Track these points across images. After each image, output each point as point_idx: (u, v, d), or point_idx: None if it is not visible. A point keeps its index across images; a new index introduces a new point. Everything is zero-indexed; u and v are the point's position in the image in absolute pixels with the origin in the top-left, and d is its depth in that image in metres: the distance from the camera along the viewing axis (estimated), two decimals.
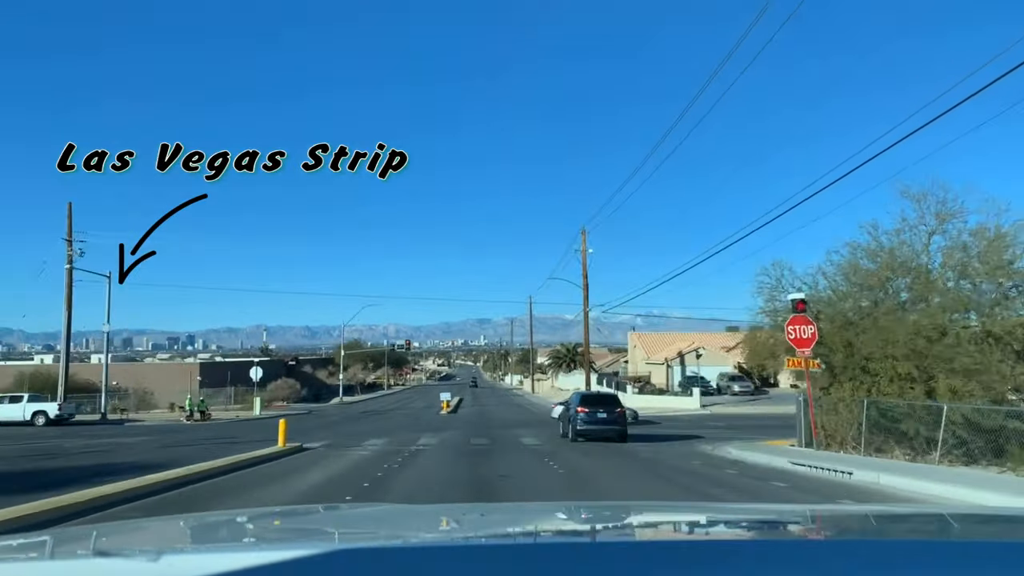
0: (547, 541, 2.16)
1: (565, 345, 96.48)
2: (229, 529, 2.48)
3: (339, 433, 30.49)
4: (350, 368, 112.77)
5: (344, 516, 2.99)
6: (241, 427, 37.74)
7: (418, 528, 2.40)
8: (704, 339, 66.06)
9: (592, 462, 18.95)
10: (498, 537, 2.17)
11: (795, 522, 2.46)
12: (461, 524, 2.53)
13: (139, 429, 38.01)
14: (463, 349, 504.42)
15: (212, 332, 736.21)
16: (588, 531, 2.38)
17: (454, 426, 35.30)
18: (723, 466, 18.44)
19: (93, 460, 19.59)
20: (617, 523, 2.55)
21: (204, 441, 26.73)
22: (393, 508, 4.07)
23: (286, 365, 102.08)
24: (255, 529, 2.46)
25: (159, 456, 19.87)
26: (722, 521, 2.54)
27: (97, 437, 29.90)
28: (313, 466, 17.52)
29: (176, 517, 3.35)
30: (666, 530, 2.43)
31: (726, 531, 2.33)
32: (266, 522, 2.68)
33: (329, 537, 2.29)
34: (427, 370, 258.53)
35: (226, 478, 15.22)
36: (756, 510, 3.29)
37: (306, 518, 2.85)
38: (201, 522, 2.73)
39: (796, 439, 21.53)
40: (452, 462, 18.65)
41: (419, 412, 53.21)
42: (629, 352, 73.75)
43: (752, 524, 2.43)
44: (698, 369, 59.68)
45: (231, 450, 20.00)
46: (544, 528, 2.45)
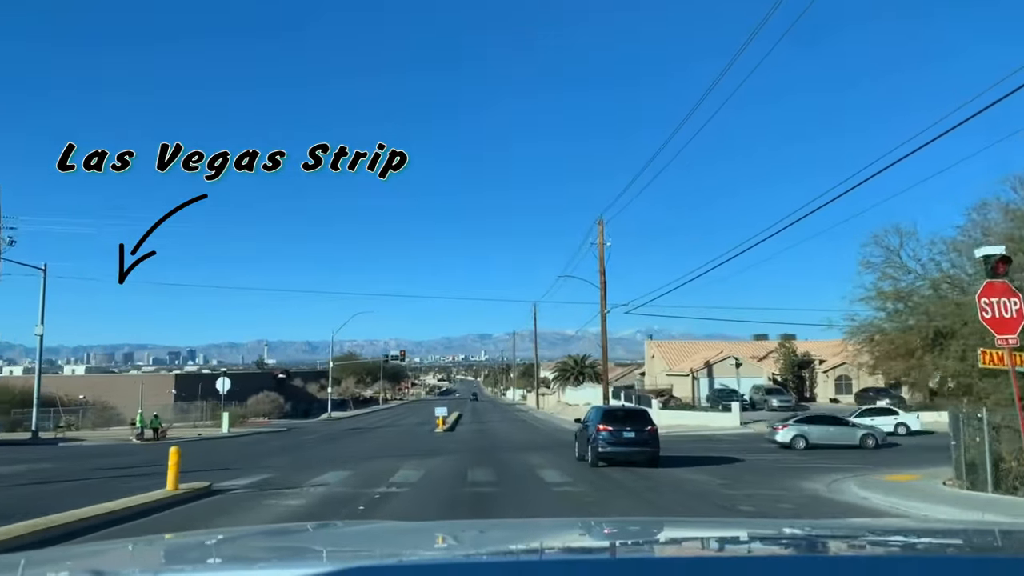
0: (553, 558, 2.05)
1: (573, 357, 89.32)
2: (219, 549, 2.37)
3: (295, 461, 23.44)
4: (343, 382, 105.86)
5: (340, 535, 2.86)
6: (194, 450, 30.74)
7: (416, 546, 2.34)
8: (731, 348, 58.98)
9: (665, 516, 11.78)
10: (500, 555, 2.08)
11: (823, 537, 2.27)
12: (461, 542, 2.40)
13: (64, 451, 31.41)
14: (463, 364, 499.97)
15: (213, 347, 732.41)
16: (598, 547, 2.32)
17: (448, 449, 28.22)
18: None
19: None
20: (632, 540, 2.43)
21: (104, 473, 19.65)
22: (392, 525, 3.80)
23: (275, 378, 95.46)
24: (247, 549, 2.38)
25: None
26: (743, 537, 2.35)
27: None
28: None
29: (160, 537, 3.48)
30: (685, 547, 2.29)
31: (744, 548, 2.18)
32: (259, 541, 2.58)
33: (328, 556, 2.17)
34: (427, 385, 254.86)
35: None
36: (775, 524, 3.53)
37: (300, 536, 2.80)
38: (189, 542, 2.65)
39: (956, 476, 14.38)
40: (434, 520, 11.53)
41: (411, 430, 46.03)
42: (646, 363, 66.59)
43: (770, 540, 2.25)
44: (736, 381, 52.47)
45: (120, 490, 13.30)
46: (549, 545, 2.32)
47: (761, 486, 16.21)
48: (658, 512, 12.20)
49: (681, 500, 14.19)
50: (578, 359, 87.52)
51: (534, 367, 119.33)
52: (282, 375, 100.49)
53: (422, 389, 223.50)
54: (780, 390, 50.58)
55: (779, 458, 24.46)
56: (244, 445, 33.38)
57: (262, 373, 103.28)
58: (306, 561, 2.02)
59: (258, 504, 13.17)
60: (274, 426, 58.48)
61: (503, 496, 14.53)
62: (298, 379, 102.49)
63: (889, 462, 21.41)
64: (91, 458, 26.84)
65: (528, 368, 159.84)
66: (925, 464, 18.38)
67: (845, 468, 19.53)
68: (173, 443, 37.58)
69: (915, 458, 21.90)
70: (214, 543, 2.50)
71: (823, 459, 23.48)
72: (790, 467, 21.05)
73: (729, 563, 1.88)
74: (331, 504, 13.24)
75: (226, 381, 44.69)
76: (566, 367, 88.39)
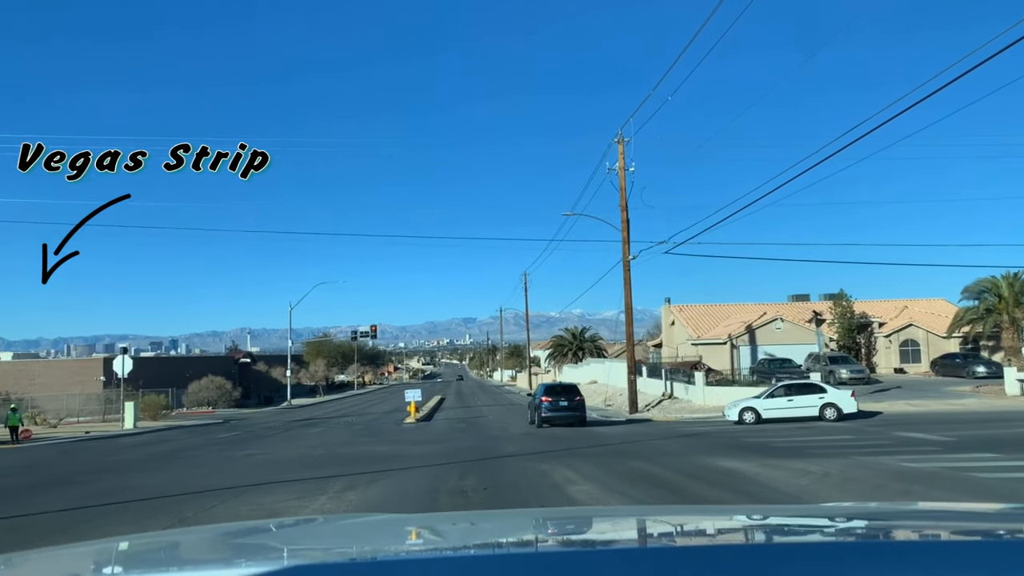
0: (547, 549, 1.97)
1: (570, 330, 78.37)
2: (199, 547, 2.25)
3: (105, 492, 12.39)
4: (311, 365, 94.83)
5: (322, 530, 2.67)
6: (12, 461, 19.80)
7: (405, 538, 2.26)
8: (773, 310, 48.24)
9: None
10: (491, 547, 2.02)
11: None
12: (451, 534, 2.32)
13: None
14: (448, 348, 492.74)
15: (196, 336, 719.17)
16: (588, 539, 2.21)
17: (413, 457, 17.30)
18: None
19: None
20: (618, 531, 2.33)
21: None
22: (380, 519, 3.18)
23: (236, 363, 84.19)
24: (223, 547, 2.25)
25: None
26: (736, 526, 2.28)
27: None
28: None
29: (135, 537, 3.07)
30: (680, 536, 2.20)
31: (738, 536, 2.13)
32: (241, 539, 2.38)
33: (315, 552, 2.10)
34: (411, 369, 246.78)
35: None
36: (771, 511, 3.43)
37: (281, 533, 2.53)
38: (163, 541, 2.52)
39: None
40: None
41: (374, 421, 35.07)
42: (663, 332, 55.83)
43: (762, 528, 2.22)
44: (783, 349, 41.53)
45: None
46: (544, 536, 2.21)
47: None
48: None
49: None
50: (576, 332, 76.71)
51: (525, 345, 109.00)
52: (245, 359, 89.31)
53: (405, 373, 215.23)
54: (847, 358, 39.81)
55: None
56: (107, 452, 22.34)
57: (221, 357, 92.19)
58: (284, 558, 1.88)
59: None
60: (210, 417, 47.43)
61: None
62: (262, 363, 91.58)
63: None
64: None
65: (516, 349, 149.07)
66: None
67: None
68: (37, 447, 27.17)
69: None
70: (193, 540, 2.39)
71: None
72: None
73: (725, 551, 1.82)
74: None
75: (126, 361, 33.40)
76: (562, 342, 77.56)
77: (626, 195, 33.41)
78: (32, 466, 18.40)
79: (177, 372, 62.47)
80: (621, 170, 33.35)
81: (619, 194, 33.55)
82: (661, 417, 30.56)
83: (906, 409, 27.90)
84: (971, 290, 41.61)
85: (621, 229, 33.59)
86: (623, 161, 33.45)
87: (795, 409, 25.56)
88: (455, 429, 27.78)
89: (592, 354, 71.94)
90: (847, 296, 46.30)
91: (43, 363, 68.02)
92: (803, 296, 54.85)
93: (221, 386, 60.68)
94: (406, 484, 12.62)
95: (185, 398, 58.59)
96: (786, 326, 44.98)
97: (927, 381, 39.78)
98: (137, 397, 44.75)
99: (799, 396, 25.85)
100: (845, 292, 46.54)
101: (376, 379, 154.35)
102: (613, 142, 33.71)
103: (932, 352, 45.95)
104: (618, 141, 33.63)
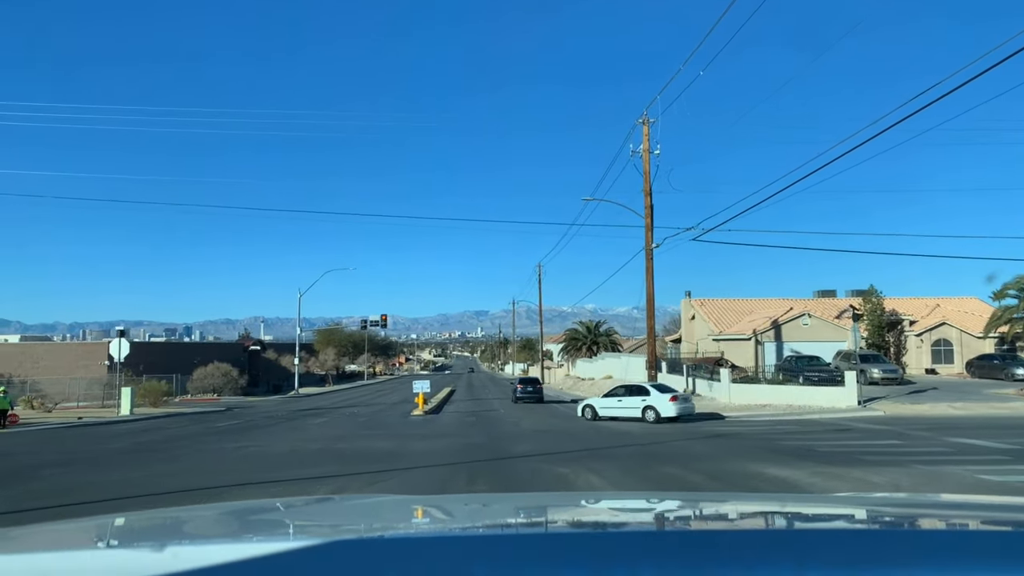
0: (560, 530, 1.93)
1: (584, 323, 76.42)
2: (206, 523, 2.24)
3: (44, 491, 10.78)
4: (320, 354, 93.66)
5: (339, 508, 2.65)
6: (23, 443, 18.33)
7: (413, 517, 2.23)
8: (800, 305, 46.20)
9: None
10: (501, 527, 1.98)
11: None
12: (461, 514, 2.29)
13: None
14: (460, 341, 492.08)
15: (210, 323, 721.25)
16: (601, 520, 2.17)
17: (421, 452, 15.68)
18: None
19: None
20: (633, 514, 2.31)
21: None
22: (390, 499, 3.34)
23: (245, 350, 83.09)
24: (241, 523, 2.23)
25: None
26: (743, 513, 2.25)
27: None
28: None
29: (159, 511, 2.92)
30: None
31: (744, 523, 2.06)
32: (257, 516, 2.35)
33: (333, 529, 2.07)
34: (422, 360, 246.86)
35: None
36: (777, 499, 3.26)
37: (304, 510, 2.55)
38: (182, 516, 2.45)
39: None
40: None
41: (380, 413, 33.43)
42: (683, 327, 53.90)
43: (757, 515, 2.18)
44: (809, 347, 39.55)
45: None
46: (557, 517, 2.19)
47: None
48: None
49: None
50: (591, 326, 74.74)
51: (537, 339, 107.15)
52: (254, 346, 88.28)
53: (417, 364, 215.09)
54: (879, 356, 37.70)
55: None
56: (91, 440, 20.84)
57: (230, 344, 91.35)
58: (303, 534, 1.90)
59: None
60: (213, 405, 46.01)
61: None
62: (272, 351, 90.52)
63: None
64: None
65: (528, 342, 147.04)
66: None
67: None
68: (9, 432, 25.73)
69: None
70: (200, 517, 2.36)
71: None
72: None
73: (750, 536, 1.74)
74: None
75: (122, 344, 31.88)
76: (576, 335, 75.69)
77: (650, 179, 31.58)
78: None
79: (185, 358, 61.20)
80: (645, 152, 31.49)
81: (643, 178, 31.70)
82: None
83: (949, 412, 25.96)
84: (1011, 288, 39.41)
85: (644, 215, 31.75)
86: (648, 143, 31.58)
87: (623, 409, 26.74)
88: (464, 423, 26.09)
89: (607, 348, 70.01)
90: (877, 292, 44.17)
91: (48, 346, 66.76)
92: (829, 292, 52.69)
93: (227, 373, 59.31)
94: (406, 489, 10.95)
95: (190, 384, 57.27)
96: (813, 322, 42.92)
97: (963, 383, 37.69)
98: (137, 382, 43.42)
99: (627, 398, 26.97)
100: (875, 288, 44.42)
101: (388, 370, 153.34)
102: (638, 123, 31.85)
103: (966, 353, 43.79)
104: (643, 122, 31.76)
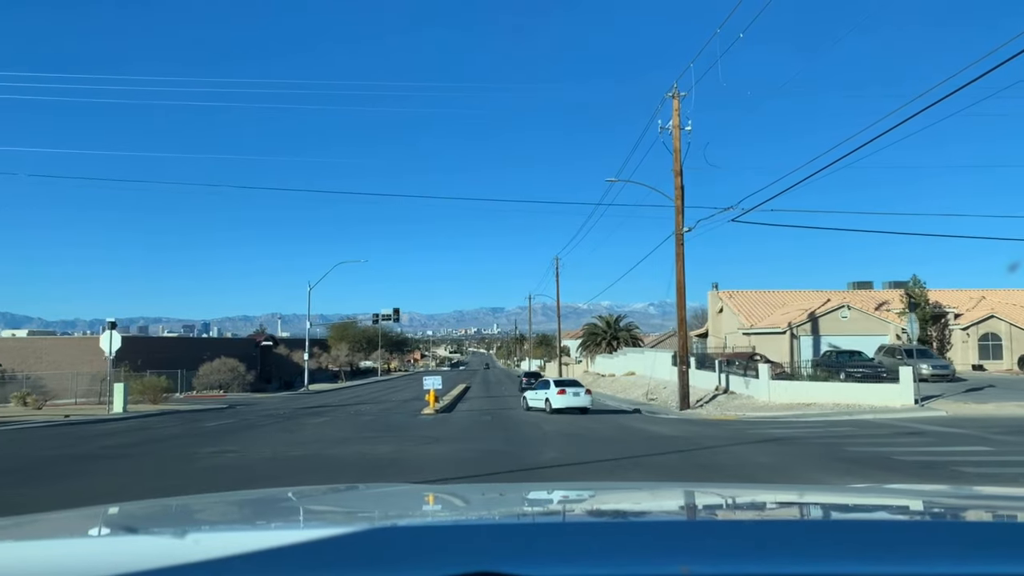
0: (579, 519, 1.92)
1: (604, 318, 73.84)
2: (218, 510, 2.26)
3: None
4: (332, 349, 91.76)
5: (364, 496, 2.66)
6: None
7: (425, 506, 2.25)
8: (838, 297, 43.37)
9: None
10: (517, 516, 1.96)
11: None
12: (477, 503, 2.29)
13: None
14: (475, 337, 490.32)
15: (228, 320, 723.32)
16: (623, 509, 2.13)
17: (428, 460, 13.42)
18: None
19: None
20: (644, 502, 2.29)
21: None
22: (403, 488, 3.40)
23: (257, 345, 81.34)
24: (252, 511, 2.25)
25: None
26: (754, 503, 2.19)
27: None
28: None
29: (185, 498, 3.07)
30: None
31: (754, 513, 2.02)
32: (262, 505, 2.35)
33: (360, 516, 2.09)
34: (438, 357, 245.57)
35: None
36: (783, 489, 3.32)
37: (333, 497, 2.59)
38: (180, 504, 2.48)
39: None
40: None
41: (390, 411, 31.12)
42: (710, 321, 51.19)
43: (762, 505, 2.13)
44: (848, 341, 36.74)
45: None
46: (579, 507, 2.18)
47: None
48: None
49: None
50: (611, 320, 72.16)
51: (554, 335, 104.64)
52: (266, 342, 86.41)
53: (432, 361, 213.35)
54: (926, 351, 34.86)
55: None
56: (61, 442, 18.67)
57: (242, 340, 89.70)
58: (331, 522, 1.92)
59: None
60: (217, 402, 43.95)
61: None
62: (284, 347, 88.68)
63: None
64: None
65: (544, 338, 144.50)
66: None
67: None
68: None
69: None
70: (211, 504, 2.38)
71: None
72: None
73: (780, 527, 1.67)
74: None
75: (114, 337, 29.72)
76: (595, 331, 73.07)
77: (680, 158, 29.01)
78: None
79: (194, 354, 59.35)
80: (676, 129, 28.91)
81: (672, 157, 29.14)
82: (718, 415, 26.21)
83: (1019, 413, 23.25)
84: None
85: (675, 197, 29.16)
86: (678, 119, 29.01)
87: (535, 401, 29.90)
88: (479, 423, 23.68)
89: (627, 344, 67.45)
90: (920, 283, 41.35)
91: (52, 340, 65.04)
92: (865, 284, 49.71)
93: (234, 368, 57.33)
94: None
95: (195, 381, 55.37)
96: (852, 315, 40.17)
97: (1018, 380, 34.84)
98: (134, 377, 41.43)
99: (539, 391, 30.04)
100: (919, 278, 41.62)
101: (403, 366, 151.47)
102: (667, 96, 29.27)
103: (1015, 348, 40.91)
104: (673, 96, 29.18)
